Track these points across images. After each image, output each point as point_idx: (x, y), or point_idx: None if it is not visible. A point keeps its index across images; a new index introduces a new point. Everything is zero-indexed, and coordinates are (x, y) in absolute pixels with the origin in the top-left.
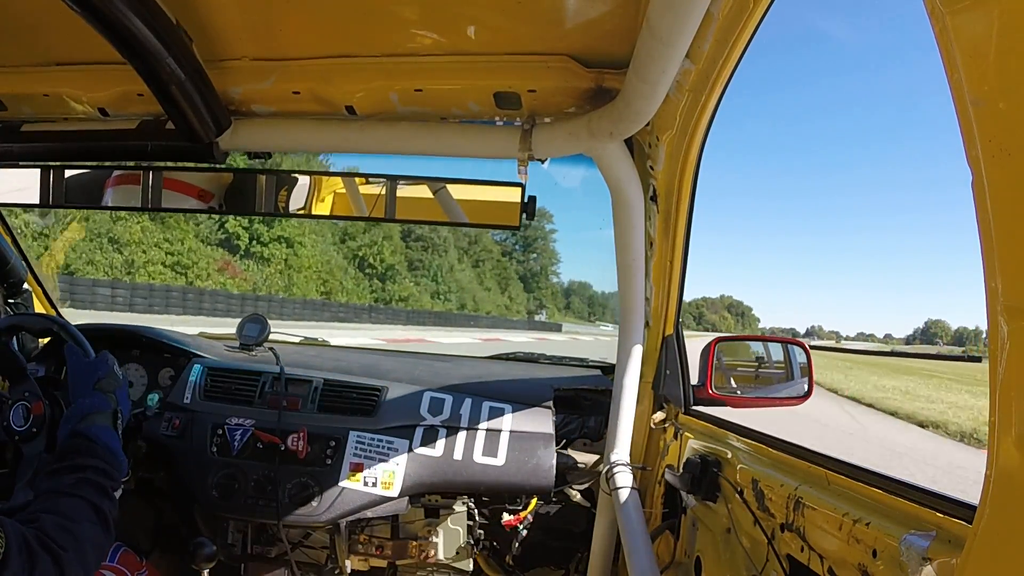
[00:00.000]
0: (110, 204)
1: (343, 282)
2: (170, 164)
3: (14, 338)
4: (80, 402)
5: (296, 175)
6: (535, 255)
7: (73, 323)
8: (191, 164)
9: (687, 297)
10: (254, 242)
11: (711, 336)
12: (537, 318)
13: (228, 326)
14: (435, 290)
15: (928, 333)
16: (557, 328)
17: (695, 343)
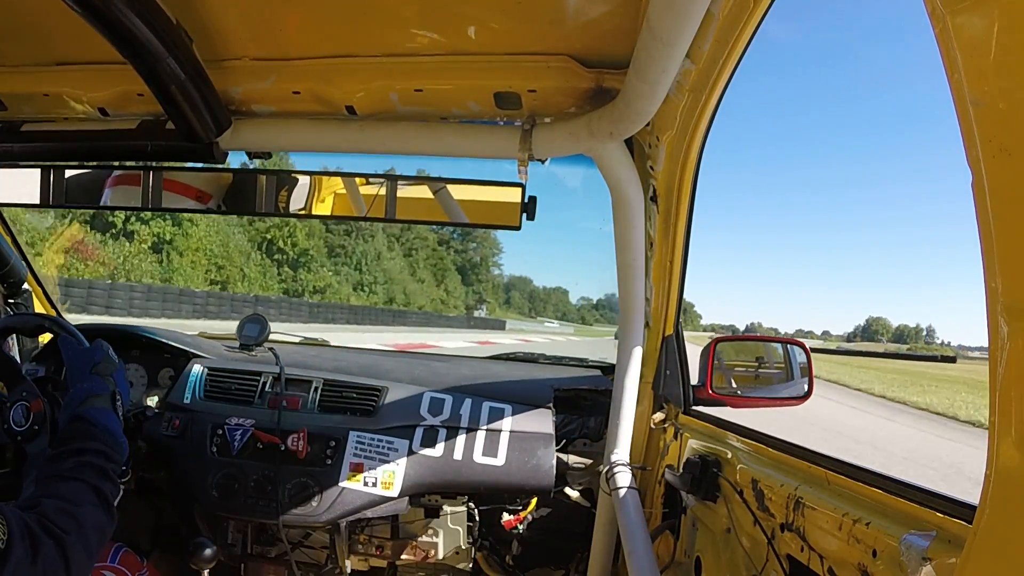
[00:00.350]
0: (110, 204)
1: (244, 269)
2: (170, 164)
3: (13, 341)
4: (78, 387)
5: (296, 175)
6: (475, 244)
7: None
8: (191, 164)
9: None
10: (132, 219)
11: None
12: (477, 314)
13: None
14: (358, 280)
15: (869, 331)
16: (500, 326)
17: None
